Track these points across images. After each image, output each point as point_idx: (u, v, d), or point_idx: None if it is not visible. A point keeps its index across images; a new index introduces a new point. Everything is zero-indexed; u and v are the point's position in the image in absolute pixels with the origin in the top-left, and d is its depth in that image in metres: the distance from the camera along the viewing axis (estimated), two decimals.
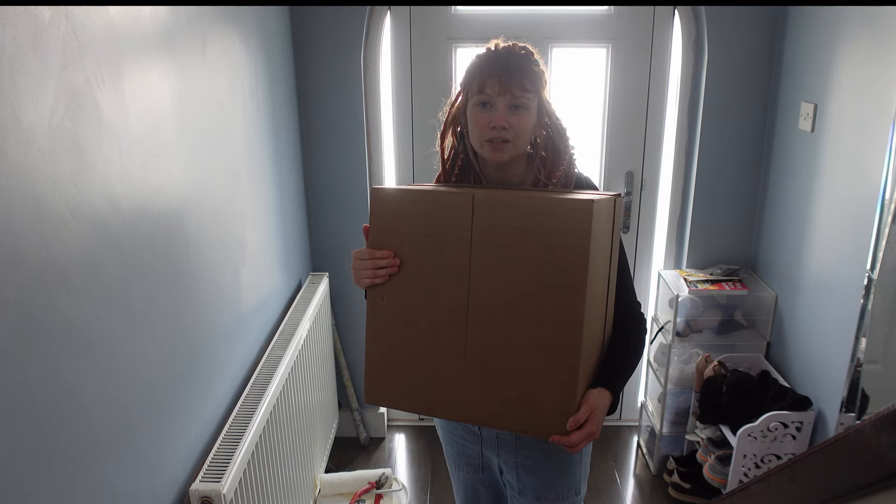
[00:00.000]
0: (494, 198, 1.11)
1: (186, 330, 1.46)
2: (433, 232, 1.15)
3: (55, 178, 0.99)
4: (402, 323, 1.21)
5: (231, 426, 1.59)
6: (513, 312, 1.12)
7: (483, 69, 1.23)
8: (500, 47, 1.26)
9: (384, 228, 1.19)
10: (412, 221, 1.17)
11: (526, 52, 1.26)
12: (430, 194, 1.17)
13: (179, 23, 1.43)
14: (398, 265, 1.18)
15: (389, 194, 1.19)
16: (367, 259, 1.19)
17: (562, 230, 1.06)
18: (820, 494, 0.83)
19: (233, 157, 1.78)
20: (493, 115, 1.22)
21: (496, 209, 1.10)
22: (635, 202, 2.65)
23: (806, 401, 2.09)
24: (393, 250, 1.18)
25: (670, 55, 2.48)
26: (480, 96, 1.23)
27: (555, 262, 1.07)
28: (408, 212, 1.17)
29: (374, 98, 2.52)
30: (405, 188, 1.20)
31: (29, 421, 0.93)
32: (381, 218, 1.20)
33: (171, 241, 1.39)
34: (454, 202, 1.13)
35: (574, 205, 1.06)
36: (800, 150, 2.18)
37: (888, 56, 1.72)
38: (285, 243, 2.28)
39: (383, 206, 1.19)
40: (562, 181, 1.30)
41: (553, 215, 1.07)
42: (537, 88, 1.25)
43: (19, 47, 0.91)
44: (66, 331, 1.02)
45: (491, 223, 1.11)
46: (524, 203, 1.10)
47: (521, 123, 1.23)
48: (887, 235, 1.71)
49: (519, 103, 1.22)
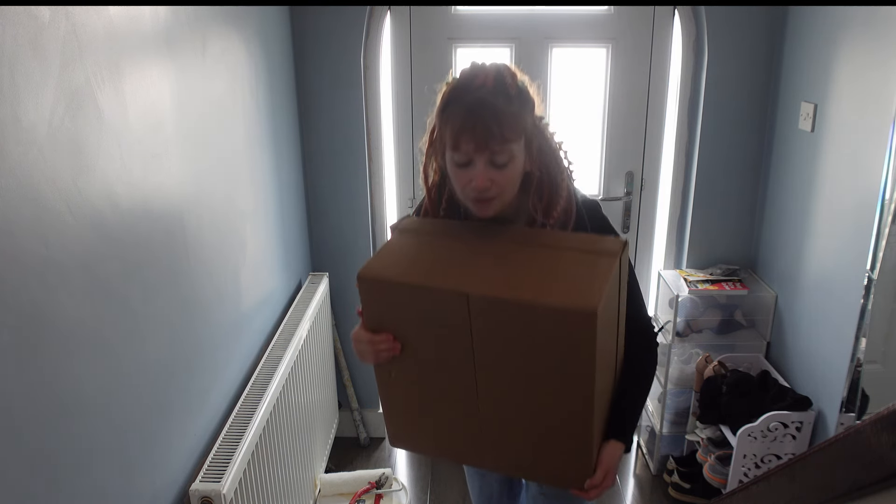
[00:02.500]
0: (491, 299, 1.01)
1: (186, 330, 1.46)
2: (430, 324, 1.09)
3: (55, 178, 0.99)
4: (414, 389, 1.20)
5: (231, 426, 1.59)
6: (522, 392, 1.09)
7: (454, 123, 1.07)
8: (473, 88, 1.07)
9: (379, 315, 1.14)
10: (406, 313, 1.11)
11: (500, 88, 1.07)
12: (420, 292, 1.06)
13: (179, 23, 1.43)
14: (399, 348, 1.13)
15: (378, 287, 1.10)
16: (366, 343, 1.13)
17: (563, 337, 0.99)
18: (820, 494, 0.83)
19: (233, 156, 1.78)
20: (473, 174, 1.09)
21: (494, 311, 1.02)
22: (635, 202, 2.65)
23: (806, 401, 2.09)
24: (392, 333, 1.12)
25: (670, 55, 2.48)
26: (456, 154, 1.09)
27: (560, 359, 1.02)
28: (400, 303, 1.10)
29: (374, 98, 2.51)
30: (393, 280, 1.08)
31: (29, 421, 0.93)
32: (373, 306, 1.13)
33: (171, 240, 1.39)
34: (448, 301, 1.03)
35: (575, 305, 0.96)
36: (800, 150, 2.18)
37: (888, 56, 1.72)
38: (285, 243, 2.28)
39: (373, 296, 1.12)
40: (560, 218, 1.18)
41: (553, 321, 0.98)
42: (522, 130, 1.10)
43: (19, 47, 0.91)
44: (66, 331, 1.02)
45: (490, 323, 1.03)
46: (523, 307, 0.99)
47: (506, 178, 1.10)
48: (887, 235, 1.71)
49: (500, 160, 1.08)
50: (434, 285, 1.05)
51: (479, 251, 1.12)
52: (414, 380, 1.18)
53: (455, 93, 1.09)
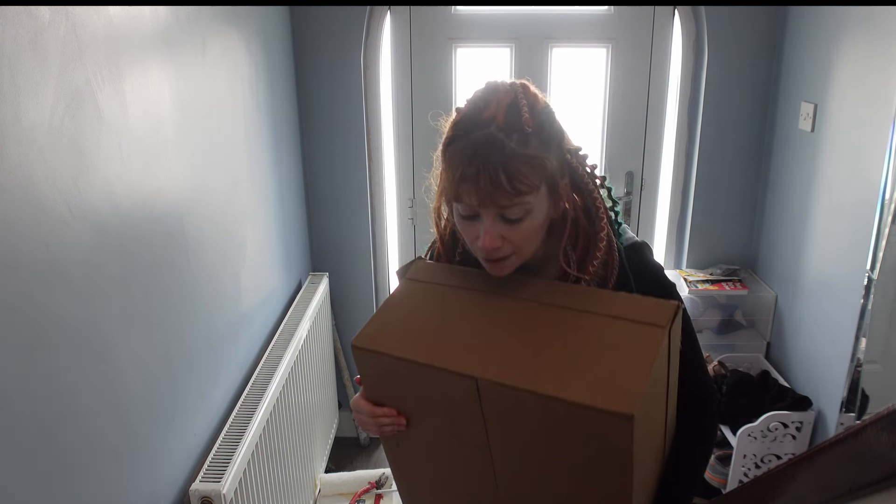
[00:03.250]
0: (502, 386, 0.83)
1: (186, 330, 1.46)
2: (436, 404, 0.94)
3: (55, 178, 0.99)
4: (425, 464, 1.07)
5: (231, 426, 1.59)
6: (547, 480, 0.92)
7: (454, 169, 0.87)
8: (481, 122, 0.86)
9: (379, 387, 1.00)
10: (409, 389, 0.96)
11: (513, 122, 0.86)
12: (421, 369, 0.89)
13: (179, 23, 1.43)
14: (404, 423, 0.98)
15: (374, 359, 0.94)
16: (368, 415, 1.00)
17: (592, 436, 0.81)
18: (820, 494, 0.83)
19: (233, 157, 1.78)
20: (481, 229, 0.90)
21: (506, 399, 0.84)
22: (635, 202, 2.65)
23: (806, 401, 2.09)
24: (395, 408, 0.98)
25: (670, 55, 2.48)
26: (460, 206, 0.90)
27: (589, 457, 0.84)
28: (401, 378, 0.94)
29: (374, 98, 2.51)
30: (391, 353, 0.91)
31: (29, 421, 0.93)
32: (372, 377, 1.00)
33: (171, 240, 1.39)
34: (453, 383, 0.87)
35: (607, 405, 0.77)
36: (800, 150, 2.18)
37: (888, 56, 1.72)
38: (285, 243, 2.28)
39: (371, 367, 0.97)
40: (599, 272, 0.96)
41: (579, 419, 0.79)
42: (541, 177, 0.88)
43: (19, 47, 0.91)
44: (66, 331, 1.02)
45: (502, 410, 0.87)
46: (539, 400, 0.81)
47: (521, 235, 0.90)
48: (887, 235, 1.71)
49: (512, 216, 0.88)
50: (437, 364, 0.88)
51: (496, 316, 0.93)
52: (424, 455, 1.05)
53: (459, 127, 0.88)
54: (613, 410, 0.76)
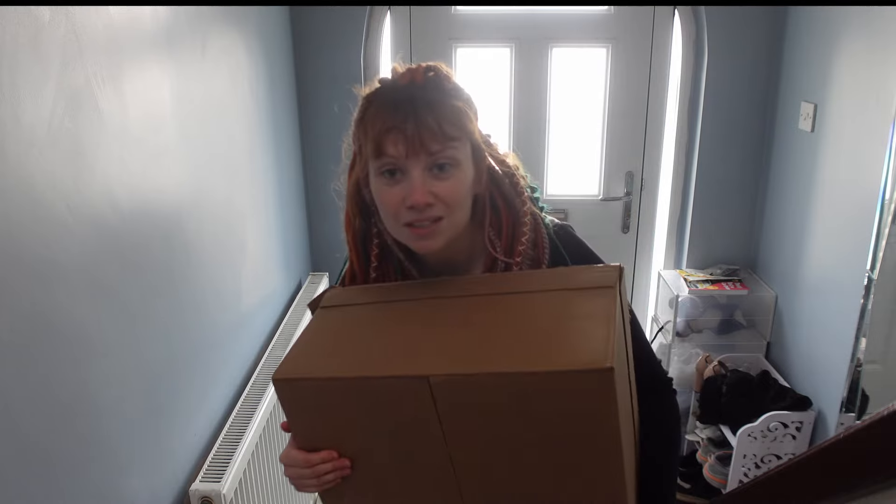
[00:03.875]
0: (458, 381, 0.74)
1: (186, 330, 1.46)
2: (384, 427, 0.80)
3: (55, 178, 0.99)
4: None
5: (231, 426, 1.59)
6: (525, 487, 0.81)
7: (375, 124, 0.83)
8: (401, 77, 0.86)
9: (311, 427, 0.84)
10: (350, 415, 0.81)
11: (436, 77, 0.86)
12: (360, 385, 0.78)
13: (179, 23, 1.43)
14: (348, 466, 0.83)
15: (302, 390, 0.81)
16: (304, 467, 0.83)
17: (568, 409, 0.71)
18: (820, 494, 0.83)
19: (233, 156, 1.78)
20: (407, 188, 0.83)
21: (465, 396, 0.74)
22: (635, 202, 2.65)
23: (806, 401, 2.09)
24: (335, 448, 0.83)
25: (670, 55, 2.48)
26: (382, 161, 0.84)
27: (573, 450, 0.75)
28: (336, 406, 0.81)
29: None
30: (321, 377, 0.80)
31: (29, 421, 0.93)
32: (302, 416, 0.84)
33: (171, 241, 1.39)
34: (402, 392, 0.76)
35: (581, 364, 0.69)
36: (800, 150, 2.18)
37: (888, 56, 1.72)
38: (285, 243, 2.28)
39: (299, 402, 0.83)
40: (529, 253, 0.92)
41: (551, 392, 0.71)
42: (466, 131, 0.86)
43: (19, 47, 0.91)
44: (66, 331, 1.02)
45: (464, 410, 0.75)
46: (505, 383, 0.72)
47: (452, 190, 0.84)
48: (887, 235, 1.71)
49: (443, 160, 0.83)
50: (379, 374, 0.77)
51: (431, 317, 0.85)
52: (375, 500, 0.89)
53: (375, 94, 0.87)
54: (590, 368, 0.68)
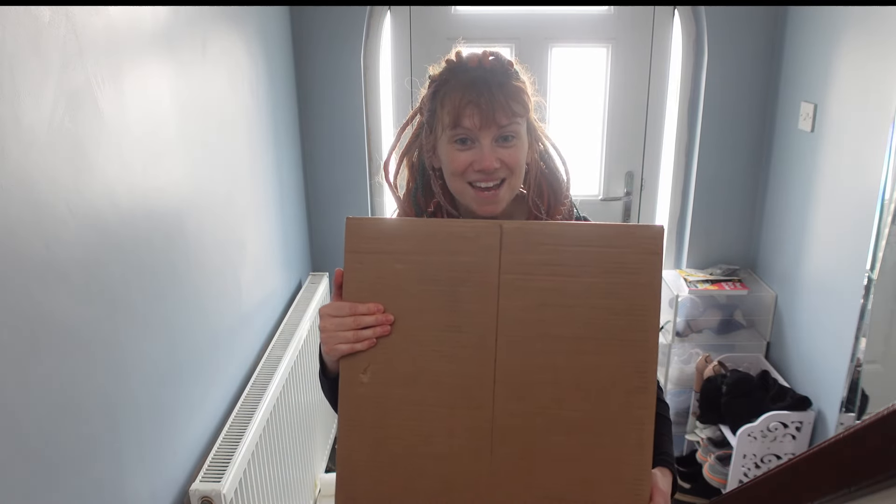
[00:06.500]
0: (530, 227, 0.85)
1: (186, 330, 1.46)
2: (442, 276, 0.85)
3: (55, 178, 0.99)
4: (393, 410, 0.87)
5: (231, 426, 1.59)
6: (558, 382, 0.84)
7: (453, 98, 0.96)
8: (470, 61, 0.98)
9: (368, 273, 0.86)
10: (410, 262, 0.85)
11: (498, 60, 0.99)
12: (435, 225, 0.89)
13: (179, 23, 1.43)
14: (391, 323, 0.86)
15: (376, 226, 0.87)
16: (347, 316, 0.85)
17: (628, 264, 0.82)
18: (820, 494, 0.83)
19: (233, 156, 1.78)
20: (478, 154, 0.96)
21: (534, 241, 0.83)
22: (635, 202, 2.65)
23: (806, 401, 2.09)
24: (382, 303, 0.86)
25: (670, 55, 2.48)
26: (456, 131, 0.96)
27: (618, 308, 0.83)
28: (403, 249, 0.85)
29: (374, 98, 2.51)
30: (395, 218, 0.93)
31: (29, 421, 0.93)
32: (363, 259, 0.86)
33: (171, 240, 1.39)
34: (472, 234, 0.84)
35: (637, 231, 0.83)
36: (800, 150, 2.18)
37: (888, 56, 1.72)
38: (285, 243, 2.28)
39: (367, 242, 0.86)
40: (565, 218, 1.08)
41: (615, 246, 0.82)
42: (526, 108, 0.99)
43: (19, 47, 0.91)
44: (66, 331, 1.02)
45: (527, 261, 0.83)
46: (571, 232, 0.84)
47: (515, 158, 0.97)
48: (887, 235, 1.71)
49: (508, 133, 0.96)
50: (450, 221, 0.92)
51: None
52: (395, 392, 0.87)
53: (449, 73, 0.99)
54: (646, 225, 0.82)
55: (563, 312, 0.83)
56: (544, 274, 0.83)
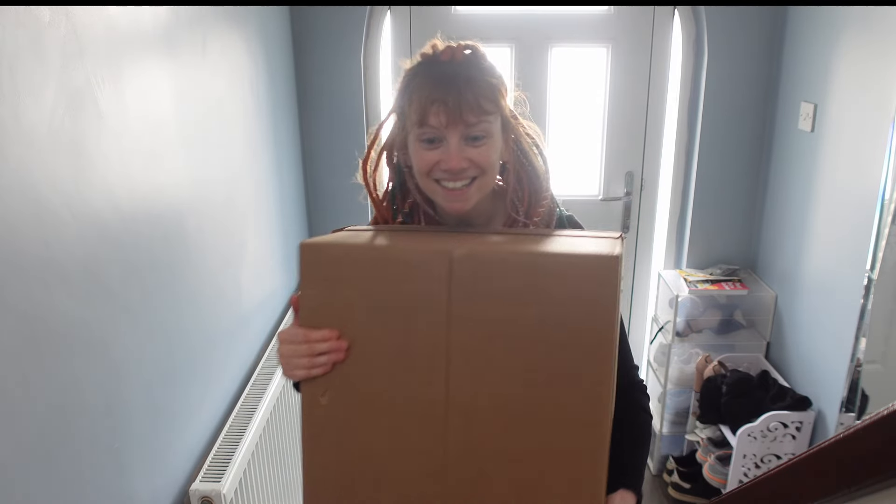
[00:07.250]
0: (480, 256, 0.82)
1: (186, 330, 1.46)
2: (392, 305, 0.84)
3: (55, 178, 0.99)
4: (351, 430, 0.89)
5: (231, 426, 1.59)
6: (510, 412, 0.83)
7: (420, 94, 0.92)
8: (443, 54, 0.95)
9: (323, 300, 0.87)
10: (363, 290, 0.85)
11: (474, 55, 0.95)
12: (385, 252, 0.86)
13: (179, 23, 1.43)
14: (345, 350, 0.86)
15: (328, 253, 0.86)
16: (302, 343, 0.87)
17: (582, 295, 0.78)
18: (820, 494, 0.83)
19: (233, 156, 1.78)
20: (445, 154, 0.92)
21: (483, 271, 0.81)
22: (635, 202, 2.65)
23: (806, 401, 2.09)
24: (336, 329, 0.86)
25: (670, 55, 2.48)
26: (423, 130, 0.92)
27: (570, 342, 0.80)
28: (356, 277, 0.85)
29: (375, 98, 2.51)
30: (349, 243, 0.87)
31: (29, 421, 0.93)
32: (317, 286, 0.87)
33: (171, 240, 1.39)
34: (421, 263, 0.82)
35: (591, 261, 0.79)
36: (800, 150, 2.18)
37: (888, 56, 1.72)
38: (285, 243, 2.28)
39: (320, 269, 0.86)
40: (544, 220, 1.02)
41: (565, 276, 0.79)
42: (499, 105, 0.95)
43: (19, 47, 0.91)
44: (66, 331, 1.02)
45: (477, 291, 0.81)
46: (523, 261, 0.81)
47: (484, 157, 0.93)
48: (887, 235, 1.71)
49: (477, 133, 0.92)
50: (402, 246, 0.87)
51: (455, 235, 0.92)
52: (354, 414, 0.88)
53: (419, 67, 0.96)
54: (600, 254, 0.78)
55: (514, 344, 0.82)
56: (494, 305, 0.81)
